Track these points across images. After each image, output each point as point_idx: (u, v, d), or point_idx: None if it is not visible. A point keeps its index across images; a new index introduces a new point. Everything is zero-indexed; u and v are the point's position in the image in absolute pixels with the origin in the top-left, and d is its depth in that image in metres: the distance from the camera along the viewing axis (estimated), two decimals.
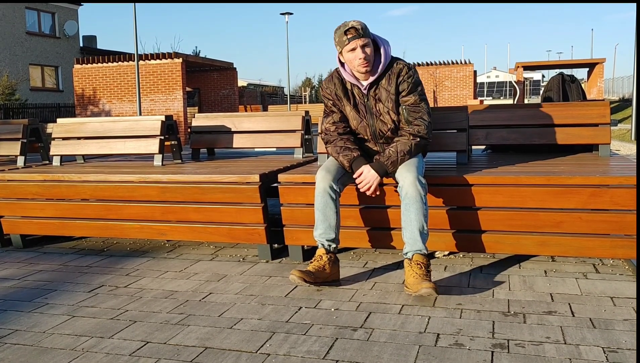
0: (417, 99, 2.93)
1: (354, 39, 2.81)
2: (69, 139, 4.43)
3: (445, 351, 2.14)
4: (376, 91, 2.95)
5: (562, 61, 32.43)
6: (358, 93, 3.00)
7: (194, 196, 3.45)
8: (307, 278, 2.79)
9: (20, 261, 3.66)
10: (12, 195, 3.88)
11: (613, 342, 2.17)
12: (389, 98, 2.93)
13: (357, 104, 3.01)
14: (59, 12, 28.85)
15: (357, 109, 3.01)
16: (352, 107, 3.02)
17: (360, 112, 3.01)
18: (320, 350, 2.19)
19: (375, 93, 2.96)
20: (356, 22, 2.83)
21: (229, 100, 21.14)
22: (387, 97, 2.93)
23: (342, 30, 2.83)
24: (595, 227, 2.87)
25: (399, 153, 2.86)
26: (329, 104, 3.09)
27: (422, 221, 2.73)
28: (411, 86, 2.92)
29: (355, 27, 2.81)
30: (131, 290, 2.98)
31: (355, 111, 3.02)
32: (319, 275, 2.85)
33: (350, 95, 3.02)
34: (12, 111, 22.75)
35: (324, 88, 3.09)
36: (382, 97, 2.94)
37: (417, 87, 2.94)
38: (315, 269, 2.85)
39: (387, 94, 2.93)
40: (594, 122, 3.65)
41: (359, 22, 2.84)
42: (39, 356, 2.21)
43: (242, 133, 4.44)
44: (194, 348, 2.23)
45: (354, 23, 2.82)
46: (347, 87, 3.02)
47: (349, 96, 3.02)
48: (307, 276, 2.80)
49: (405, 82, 2.91)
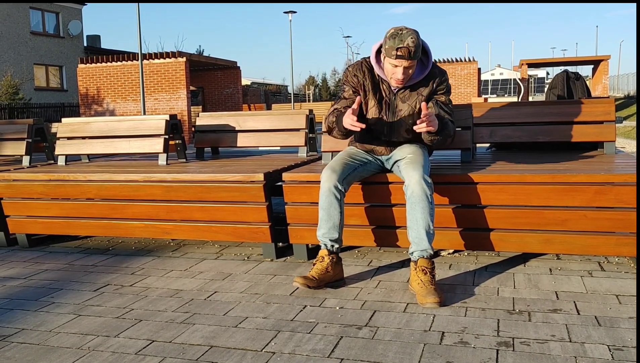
0: (447, 100, 3.03)
1: (401, 58, 2.73)
2: (73, 138, 4.44)
3: (450, 349, 2.14)
4: (405, 92, 2.96)
5: (566, 58, 32.30)
6: (386, 89, 2.98)
7: (198, 195, 3.46)
8: (310, 284, 2.79)
9: (26, 260, 3.68)
10: (18, 195, 3.90)
11: (618, 340, 2.16)
12: (418, 100, 2.95)
13: (382, 99, 2.99)
14: (63, 11, 28.91)
15: (380, 104, 2.99)
16: (377, 101, 2.99)
17: (382, 108, 2.99)
18: (325, 348, 2.19)
19: (403, 94, 2.96)
20: (412, 41, 2.69)
21: (233, 99, 21.15)
22: (417, 98, 2.95)
23: (396, 43, 2.71)
24: (600, 225, 2.87)
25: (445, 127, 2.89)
26: (349, 91, 3.02)
27: (428, 221, 2.72)
28: (446, 89, 3.02)
29: (409, 49, 2.70)
30: (136, 289, 2.99)
31: (377, 106, 2.99)
32: (323, 278, 2.84)
33: (377, 89, 2.99)
34: (17, 110, 22.82)
35: (350, 74, 3.00)
36: (411, 99, 2.96)
37: (450, 90, 3.05)
38: (319, 273, 2.83)
39: (417, 96, 2.95)
40: (598, 119, 3.64)
41: (416, 39, 2.71)
42: (45, 355, 2.22)
43: (246, 132, 4.44)
44: (200, 347, 2.24)
45: (409, 42, 2.69)
46: (375, 80, 2.99)
47: (375, 90, 2.98)
48: (311, 282, 2.79)
49: (443, 84, 3.00)
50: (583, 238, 2.91)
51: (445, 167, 3.32)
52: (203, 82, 21.41)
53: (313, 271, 2.85)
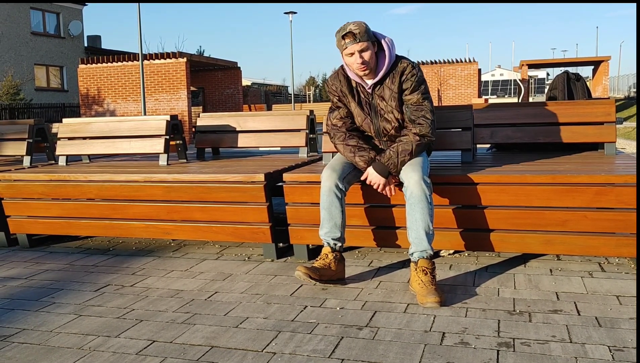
0: (420, 98, 2.90)
1: (351, 43, 2.79)
2: (74, 139, 4.45)
3: (451, 350, 2.14)
4: (380, 89, 2.95)
5: (567, 58, 32.32)
6: (363, 91, 3.00)
7: (199, 195, 3.46)
8: (312, 275, 2.79)
9: (26, 260, 3.68)
10: (19, 195, 3.90)
11: (619, 341, 2.17)
12: (392, 97, 2.93)
13: (361, 102, 3.01)
14: (63, 12, 28.92)
15: (361, 106, 3.01)
16: (357, 104, 3.02)
17: (364, 110, 3.01)
18: (326, 348, 2.19)
19: (379, 92, 2.96)
20: (355, 26, 2.78)
21: (233, 99, 21.16)
22: (391, 95, 2.93)
23: (340, 33, 2.81)
24: (601, 226, 2.87)
25: (400, 154, 2.85)
26: (334, 100, 3.10)
27: (427, 221, 2.73)
28: (414, 84, 2.89)
29: (352, 31, 2.77)
30: (137, 289, 2.99)
31: (359, 109, 3.02)
32: (325, 273, 2.85)
33: (355, 92, 3.02)
34: (17, 110, 22.84)
35: (330, 85, 3.09)
36: (386, 96, 2.94)
37: (420, 85, 2.91)
38: (321, 266, 2.85)
39: (390, 93, 2.93)
40: (599, 120, 3.65)
41: (359, 25, 2.79)
42: (46, 355, 2.22)
43: (246, 133, 4.44)
44: (200, 347, 2.24)
45: (352, 27, 2.78)
46: (352, 85, 3.02)
47: (353, 94, 3.02)
48: (313, 272, 2.80)
49: (408, 80, 2.89)
50: (583, 239, 2.91)
51: (445, 168, 3.32)
52: (203, 82, 21.43)
53: (316, 264, 2.87)
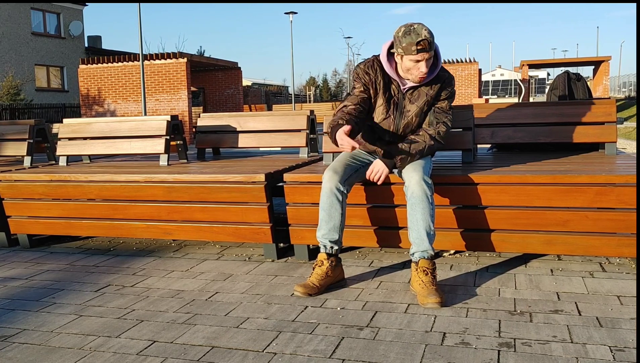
0: (448, 106, 3.00)
1: (423, 51, 2.72)
2: (75, 139, 4.45)
3: (452, 350, 2.14)
4: (415, 93, 2.95)
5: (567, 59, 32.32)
6: (395, 89, 2.97)
7: (199, 195, 3.46)
8: (312, 292, 2.78)
9: (27, 261, 3.68)
10: (19, 195, 3.90)
11: (620, 341, 2.16)
12: (426, 101, 2.95)
13: (390, 99, 2.98)
14: (64, 12, 28.94)
15: (388, 103, 2.98)
16: (385, 100, 2.97)
17: (390, 108, 2.98)
18: (327, 349, 2.19)
19: (412, 94, 2.95)
20: (428, 33, 2.71)
21: (234, 99, 21.16)
22: (425, 100, 2.95)
23: (413, 39, 2.69)
24: (602, 226, 2.87)
25: (412, 150, 2.86)
26: (360, 88, 2.95)
27: (428, 222, 2.73)
28: (450, 95, 3.00)
29: (428, 40, 2.70)
30: (138, 289, 2.99)
31: (385, 105, 2.98)
32: (324, 283, 2.83)
33: (387, 88, 2.98)
34: (18, 111, 22.85)
35: (362, 71, 2.94)
36: (420, 101, 2.95)
37: (453, 97, 3.03)
38: (319, 279, 2.82)
39: (425, 98, 2.95)
40: (599, 120, 3.65)
41: (430, 32, 2.72)
42: (46, 355, 2.23)
43: (247, 133, 4.44)
44: (201, 348, 2.24)
45: (426, 34, 2.69)
46: (386, 79, 2.97)
47: (385, 89, 2.97)
48: (312, 290, 2.78)
49: (447, 90, 2.98)
50: (584, 239, 2.91)
51: (446, 168, 3.32)
52: (204, 82, 21.42)
53: (313, 278, 2.84)
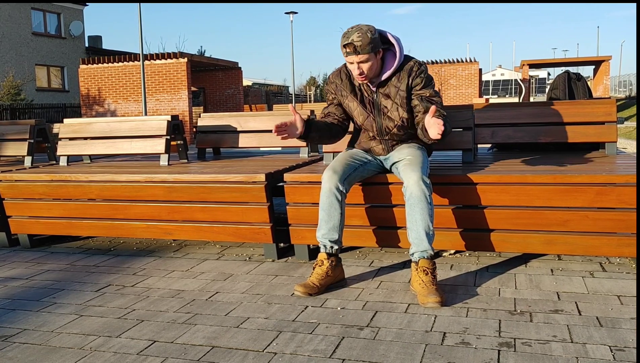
0: (432, 92, 2.95)
1: (351, 54, 2.79)
2: (75, 139, 4.45)
3: (452, 350, 2.14)
4: (385, 88, 2.96)
5: (567, 58, 32.32)
6: (366, 89, 2.99)
7: (200, 195, 3.46)
8: (312, 292, 2.78)
9: (27, 260, 3.68)
10: (20, 195, 3.90)
11: (620, 341, 2.16)
12: (398, 95, 2.94)
13: (364, 100, 3.01)
14: (64, 12, 28.94)
15: (364, 105, 3.01)
16: (359, 103, 3.01)
17: (367, 108, 3.01)
18: (327, 349, 2.19)
19: (384, 90, 2.96)
20: (357, 37, 2.73)
21: (234, 99, 21.16)
22: (397, 93, 2.94)
23: (342, 41, 2.78)
24: (602, 225, 2.87)
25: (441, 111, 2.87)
26: (330, 97, 3.13)
27: (427, 221, 2.72)
28: (425, 80, 2.93)
29: (354, 44, 2.74)
30: (138, 289, 3.00)
31: (361, 107, 3.01)
32: (324, 283, 2.83)
33: (358, 90, 3.02)
34: (18, 111, 22.85)
35: (330, 82, 3.11)
36: (391, 94, 2.95)
37: (431, 81, 2.96)
38: (319, 279, 2.82)
39: (396, 91, 2.94)
40: (600, 120, 3.64)
41: (362, 36, 2.73)
42: (47, 355, 2.23)
43: (247, 133, 4.45)
44: (201, 347, 2.24)
45: (354, 38, 2.73)
46: (354, 83, 3.02)
47: (355, 92, 3.02)
48: (312, 289, 2.78)
49: (418, 77, 2.92)
50: (585, 239, 2.91)
51: (446, 168, 3.32)
52: (204, 82, 21.43)
53: (313, 277, 2.84)
